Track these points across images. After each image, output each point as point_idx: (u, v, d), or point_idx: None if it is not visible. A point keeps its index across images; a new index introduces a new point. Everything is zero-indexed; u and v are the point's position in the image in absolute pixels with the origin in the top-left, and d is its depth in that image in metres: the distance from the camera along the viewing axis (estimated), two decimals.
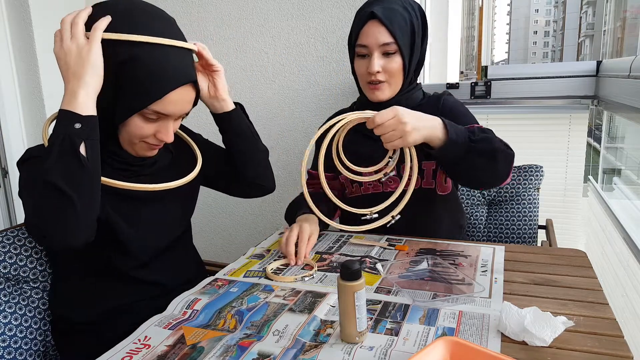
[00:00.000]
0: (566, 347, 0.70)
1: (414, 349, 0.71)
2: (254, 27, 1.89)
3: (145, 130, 0.87)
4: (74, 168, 0.76)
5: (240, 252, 1.19)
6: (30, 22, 1.78)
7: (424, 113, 1.06)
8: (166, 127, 0.89)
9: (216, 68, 1.04)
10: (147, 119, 0.86)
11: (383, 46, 1.12)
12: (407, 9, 1.14)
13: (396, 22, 1.11)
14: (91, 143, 0.78)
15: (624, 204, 1.82)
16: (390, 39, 1.11)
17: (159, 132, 0.89)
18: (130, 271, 0.97)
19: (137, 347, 0.75)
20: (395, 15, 1.11)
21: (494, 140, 1.06)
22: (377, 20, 1.11)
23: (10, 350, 0.93)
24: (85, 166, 0.77)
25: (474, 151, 1.03)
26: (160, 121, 0.88)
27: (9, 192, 1.89)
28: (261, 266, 1.06)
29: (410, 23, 1.13)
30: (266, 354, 0.71)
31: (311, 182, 1.34)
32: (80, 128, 0.77)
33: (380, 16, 1.10)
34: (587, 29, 45.16)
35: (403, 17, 1.12)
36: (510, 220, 1.56)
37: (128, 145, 0.91)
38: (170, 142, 0.91)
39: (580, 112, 1.77)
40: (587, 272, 0.97)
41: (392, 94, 1.19)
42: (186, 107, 0.90)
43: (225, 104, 1.07)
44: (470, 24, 33.67)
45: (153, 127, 0.88)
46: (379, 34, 1.11)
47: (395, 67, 1.14)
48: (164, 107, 0.85)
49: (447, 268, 1.00)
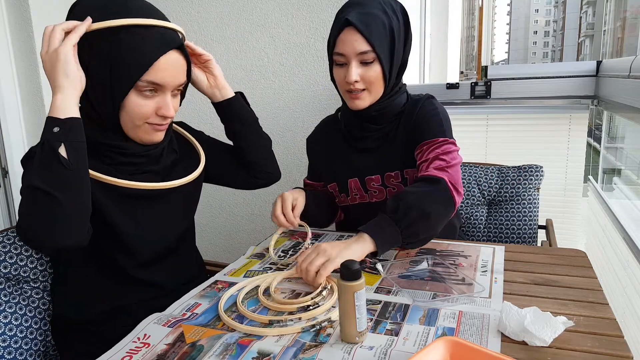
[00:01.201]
0: (566, 347, 0.70)
1: (414, 349, 0.71)
2: (254, 27, 1.90)
3: (145, 108, 0.87)
4: (56, 170, 0.77)
5: (240, 252, 1.19)
6: (30, 22, 1.78)
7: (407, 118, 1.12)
8: (165, 101, 0.89)
9: (206, 57, 1.06)
10: (144, 94, 0.86)
11: (360, 55, 1.06)
12: (386, 11, 1.07)
13: (374, 29, 1.05)
14: (72, 144, 0.79)
15: (624, 204, 1.82)
16: (368, 47, 1.05)
17: (159, 108, 0.89)
18: (131, 271, 0.97)
19: (136, 346, 0.75)
20: (372, 20, 1.05)
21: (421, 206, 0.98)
22: (353, 27, 1.04)
23: (11, 350, 0.93)
24: (67, 167, 0.78)
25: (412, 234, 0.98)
26: (158, 96, 0.88)
27: (9, 192, 1.89)
28: (261, 266, 1.06)
29: (389, 27, 1.07)
30: (266, 352, 0.71)
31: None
32: (59, 131, 0.78)
33: (356, 23, 1.03)
34: (587, 29, 45.17)
35: (382, 22, 1.06)
36: (510, 220, 1.56)
37: (132, 131, 0.90)
38: (171, 116, 0.91)
39: (580, 112, 1.77)
40: (587, 272, 0.97)
41: (373, 100, 1.13)
42: (179, 76, 0.90)
43: (225, 91, 1.10)
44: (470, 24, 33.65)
45: (152, 104, 0.88)
46: (356, 43, 1.05)
47: (373, 76, 1.08)
48: (155, 75, 0.85)
49: (447, 268, 1.00)
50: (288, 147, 1.95)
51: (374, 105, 1.14)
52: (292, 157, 1.96)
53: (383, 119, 1.17)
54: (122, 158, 0.92)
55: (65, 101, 0.80)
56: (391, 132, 1.18)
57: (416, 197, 1.00)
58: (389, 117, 1.17)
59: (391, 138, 1.18)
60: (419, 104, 1.17)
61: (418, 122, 1.15)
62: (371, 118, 1.16)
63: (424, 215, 0.98)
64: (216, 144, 1.17)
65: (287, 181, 1.99)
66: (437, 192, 1.02)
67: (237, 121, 1.11)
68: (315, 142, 1.34)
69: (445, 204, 1.03)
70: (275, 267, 1.05)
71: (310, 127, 1.91)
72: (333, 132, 1.29)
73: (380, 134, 1.19)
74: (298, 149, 1.94)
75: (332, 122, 1.32)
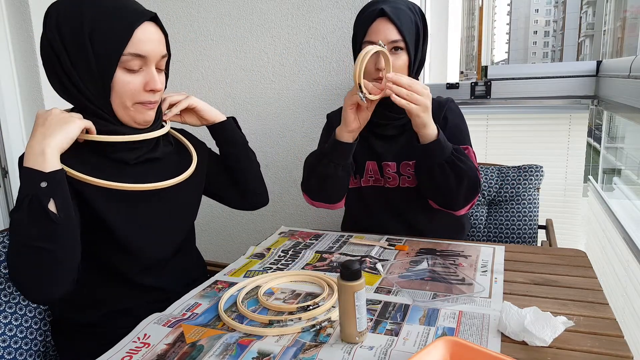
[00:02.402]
0: (566, 347, 0.70)
1: (414, 349, 0.71)
2: (254, 27, 1.89)
3: (132, 85, 0.88)
4: (46, 226, 0.77)
5: (240, 252, 1.19)
6: (30, 22, 1.78)
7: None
8: (151, 74, 0.90)
9: (183, 105, 1.06)
10: (130, 70, 0.87)
11: (392, 43, 1.14)
12: (411, 9, 1.17)
13: (404, 21, 1.14)
14: (61, 199, 0.79)
15: (624, 204, 1.82)
16: (399, 37, 1.13)
17: (147, 83, 0.90)
18: (133, 276, 0.97)
19: (136, 346, 0.75)
20: (402, 14, 1.14)
21: (470, 168, 1.12)
22: (386, 17, 1.13)
23: (10, 351, 0.93)
24: (57, 222, 0.78)
25: (450, 162, 1.10)
26: (143, 71, 0.89)
27: (9, 192, 1.89)
28: (261, 266, 1.06)
29: (415, 23, 1.16)
30: (266, 352, 0.71)
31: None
32: (47, 187, 0.77)
33: (389, 14, 1.13)
34: (587, 29, 45.16)
35: (409, 17, 1.15)
36: (510, 220, 1.56)
37: (124, 112, 0.91)
38: (159, 89, 0.92)
39: (580, 112, 1.76)
40: (587, 272, 0.97)
41: None
42: (160, 46, 0.91)
43: (215, 117, 1.11)
44: (470, 24, 33.64)
45: (139, 79, 0.89)
46: (388, 31, 1.13)
47: (401, 64, 1.15)
48: (137, 46, 0.86)
49: (447, 268, 1.00)
50: (288, 147, 1.95)
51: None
52: (292, 157, 1.96)
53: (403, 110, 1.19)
54: (121, 152, 0.92)
55: (52, 153, 0.79)
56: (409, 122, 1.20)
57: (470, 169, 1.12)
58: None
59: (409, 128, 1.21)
60: (444, 105, 1.25)
61: (448, 125, 1.22)
62: (393, 107, 1.18)
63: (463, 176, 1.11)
64: (217, 158, 1.17)
65: (288, 181, 1.99)
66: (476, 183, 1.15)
67: (229, 145, 1.14)
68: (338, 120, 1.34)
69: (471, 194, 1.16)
70: (275, 267, 1.05)
71: (310, 127, 1.92)
72: None
73: (400, 123, 1.24)
74: (298, 149, 1.94)
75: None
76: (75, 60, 0.85)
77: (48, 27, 0.86)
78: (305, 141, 1.92)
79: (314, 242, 1.21)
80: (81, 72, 0.86)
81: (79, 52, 0.85)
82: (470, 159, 1.16)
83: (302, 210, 2.01)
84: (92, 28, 0.84)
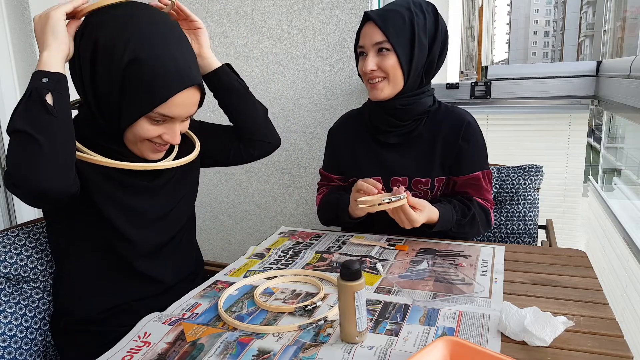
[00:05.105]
0: (566, 347, 0.70)
1: (414, 348, 0.71)
2: (254, 27, 1.89)
3: (151, 132, 0.88)
4: (41, 115, 0.78)
5: (240, 252, 1.19)
6: (30, 22, 1.78)
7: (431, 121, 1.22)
8: (172, 129, 0.90)
9: (198, 25, 1.06)
10: (154, 121, 0.87)
11: (376, 45, 1.15)
12: (410, 9, 1.16)
13: (390, 22, 1.14)
14: (59, 96, 0.80)
15: (624, 204, 1.83)
16: (382, 38, 1.14)
17: (165, 133, 0.90)
18: (133, 261, 0.96)
19: (137, 345, 0.75)
20: (390, 15, 1.15)
21: (476, 222, 1.20)
22: (371, 21, 1.16)
23: (10, 350, 0.93)
24: (52, 114, 0.78)
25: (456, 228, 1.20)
26: (167, 123, 0.89)
27: (9, 192, 1.89)
28: (261, 266, 1.06)
29: (409, 21, 1.14)
30: (266, 350, 0.72)
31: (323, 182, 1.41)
32: (48, 82, 0.79)
33: (373, 17, 1.15)
34: (587, 29, 45.17)
35: (400, 16, 1.14)
36: (510, 220, 1.56)
37: (133, 145, 0.92)
38: (176, 143, 0.92)
39: (580, 112, 1.77)
40: (587, 272, 0.97)
41: (393, 92, 1.18)
42: (191, 109, 0.91)
43: (210, 61, 1.09)
44: (470, 24, 33.65)
45: (159, 130, 0.89)
46: (373, 34, 1.15)
47: (389, 65, 1.15)
48: (169, 109, 0.86)
49: (447, 268, 1.00)
50: (288, 147, 1.95)
51: (399, 100, 1.19)
52: (293, 157, 1.96)
53: (407, 115, 1.21)
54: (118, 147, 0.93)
55: (52, 57, 0.81)
56: (414, 130, 1.23)
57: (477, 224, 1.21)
58: (413, 115, 1.21)
59: (415, 136, 1.23)
60: (461, 124, 1.22)
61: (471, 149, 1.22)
62: (395, 111, 1.21)
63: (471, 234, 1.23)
64: (202, 124, 1.16)
65: (288, 181, 1.99)
66: (486, 224, 1.24)
67: (226, 91, 1.11)
68: (339, 134, 1.36)
69: (482, 231, 1.25)
70: (276, 267, 1.05)
71: (310, 127, 1.92)
72: (357, 125, 1.32)
73: (404, 130, 1.23)
74: (298, 149, 1.94)
75: (356, 115, 1.36)
76: (101, 94, 0.84)
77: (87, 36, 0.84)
78: (305, 141, 1.92)
79: (314, 242, 1.21)
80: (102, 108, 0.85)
81: (108, 83, 0.83)
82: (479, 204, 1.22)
83: (302, 210, 2.01)
84: (131, 69, 0.82)
